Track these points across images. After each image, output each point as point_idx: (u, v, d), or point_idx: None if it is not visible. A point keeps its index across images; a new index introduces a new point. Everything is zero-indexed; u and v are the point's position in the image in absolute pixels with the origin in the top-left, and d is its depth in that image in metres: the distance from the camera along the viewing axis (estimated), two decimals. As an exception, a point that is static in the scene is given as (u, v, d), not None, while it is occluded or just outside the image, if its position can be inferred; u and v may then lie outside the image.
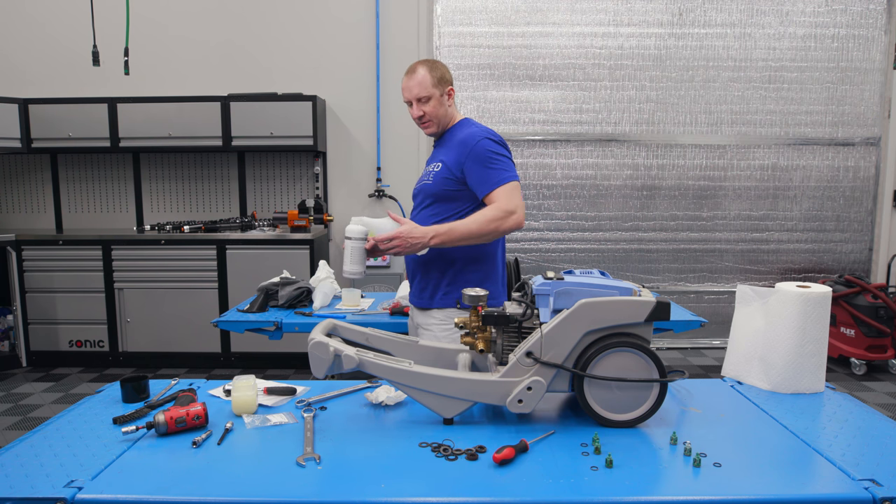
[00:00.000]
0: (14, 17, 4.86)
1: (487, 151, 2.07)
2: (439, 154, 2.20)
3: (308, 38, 4.84)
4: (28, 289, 4.47)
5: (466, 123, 2.22)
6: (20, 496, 1.12)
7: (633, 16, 4.84)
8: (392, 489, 1.14)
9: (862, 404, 1.58)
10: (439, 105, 2.17)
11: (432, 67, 2.17)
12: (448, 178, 2.11)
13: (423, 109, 2.16)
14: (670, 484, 1.18)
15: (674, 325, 2.74)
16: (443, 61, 4.89)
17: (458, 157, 2.10)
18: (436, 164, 2.17)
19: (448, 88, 2.19)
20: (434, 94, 2.15)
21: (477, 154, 2.06)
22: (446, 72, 2.21)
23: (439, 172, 2.14)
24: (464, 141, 2.11)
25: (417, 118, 2.18)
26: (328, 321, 1.59)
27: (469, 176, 2.08)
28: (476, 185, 2.07)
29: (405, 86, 2.18)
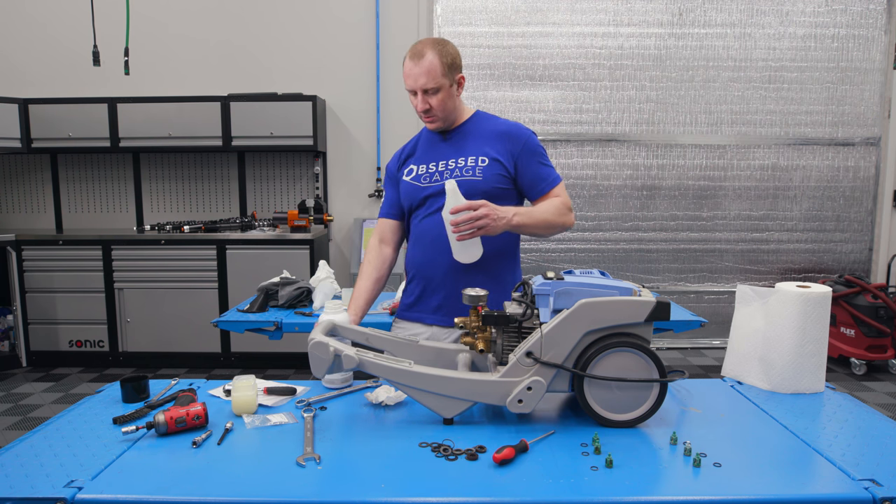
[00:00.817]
0: (14, 17, 4.86)
1: (540, 148, 1.90)
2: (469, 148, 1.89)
3: (308, 37, 4.84)
4: (28, 289, 4.47)
5: (489, 115, 1.98)
6: (20, 496, 1.12)
7: (633, 16, 4.84)
8: (392, 489, 1.14)
9: (862, 404, 1.58)
10: (449, 97, 1.84)
11: (443, 51, 1.81)
12: (501, 174, 1.85)
13: (430, 102, 1.83)
14: (670, 484, 1.18)
15: (674, 325, 2.74)
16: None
17: (510, 149, 1.86)
18: (475, 158, 1.86)
19: (459, 76, 1.87)
20: (444, 84, 1.81)
21: (532, 149, 1.87)
22: (458, 56, 1.86)
23: (489, 167, 1.84)
24: (511, 134, 1.88)
25: (423, 111, 1.85)
26: (328, 321, 1.59)
27: (524, 172, 1.87)
28: (531, 182, 1.87)
29: (409, 72, 1.82)
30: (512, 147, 1.87)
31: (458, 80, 1.87)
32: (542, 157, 1.90)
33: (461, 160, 1.88)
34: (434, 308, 1.92)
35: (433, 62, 1.79)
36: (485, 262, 1.83)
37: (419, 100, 1.83)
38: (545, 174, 1.88)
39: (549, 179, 1.88)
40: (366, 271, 1.98)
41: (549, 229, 1.85)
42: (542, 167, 1.89)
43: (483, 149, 1.87)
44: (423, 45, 1.82)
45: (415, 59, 1.80)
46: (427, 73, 1.79)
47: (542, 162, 1.89)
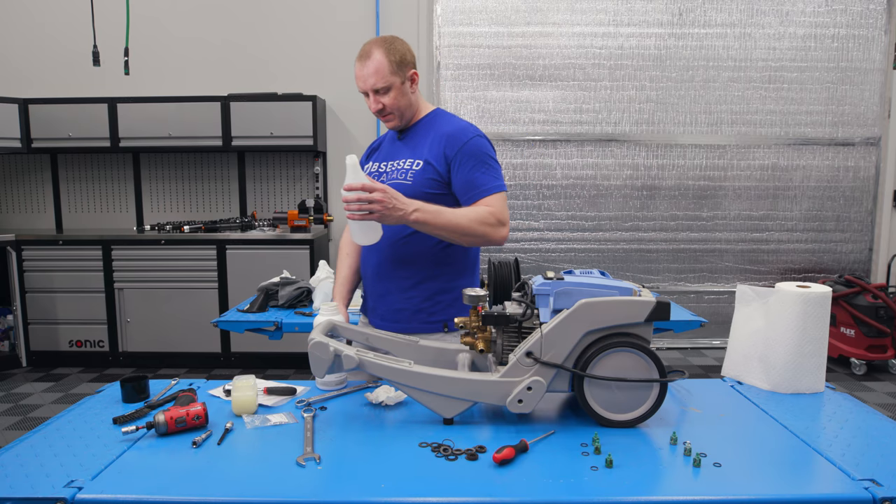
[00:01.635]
0: (14, 17, 4.86)
1: (482, 152, 1.80)
2: (412, 149, 1.86)
3: (308, 37, 4.84)
4: (28, 289, 4.47)
5: (443, 114, 1.91)
6: (20, 496, 1.12)
7: (633, 16, 4.84)
8: (392, 489, 1.14)
9: (862, 404, 1.58)
10: (401, 95, 1.81)
11: (390, 49, 1.78)
12: (433, 179, 1.79)
13: (383, 102, 1.80)
14: (670, 484, 1.18)
15: (674, 325, 2.74)
16: (443, 61, 4.93)
17: (445, 153, 1.79)
18: (412, 161, 1.83)
19: (411, 72, 1.83)
20: (394, 82, 1.78)
21: (470, 153, 1.78)
22: (408, 52, 1.83)
23: (421, 171, 1.80)
24: (452, 135, 1.81)
25: (377, 111, 1.83)
26: (328, 321, 1.59)
27: (457, 176, 1.79)
28: (464, 188, 1.78)
29: (358, 74, 1.79)
30: (448, 150, 1.79)
31: (411, 77, 1.83)
32: (482, 164, 1.79)
33: (400, 162, 1.85)
34: (370, 309, 1.93)
35: (380, 61, 1.76)
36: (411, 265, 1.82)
37: (371, 100, 1.81)
38: (480, 182, 1.78)
39: (482, 188, 1.77)
40: (345, 262, 1.99)
41: (462, 236, 1.72)
42: (477, 174, 1.78)
43: (422, 151, 1.83)
44: (369, 46, 1.79)
45: (362, 61, 1.78)
46: (375, 73, 1.77)
47: (480, 169, 1.78)
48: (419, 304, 1.84)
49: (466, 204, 1.79)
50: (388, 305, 1.86)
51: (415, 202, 1.65)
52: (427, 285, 1.83)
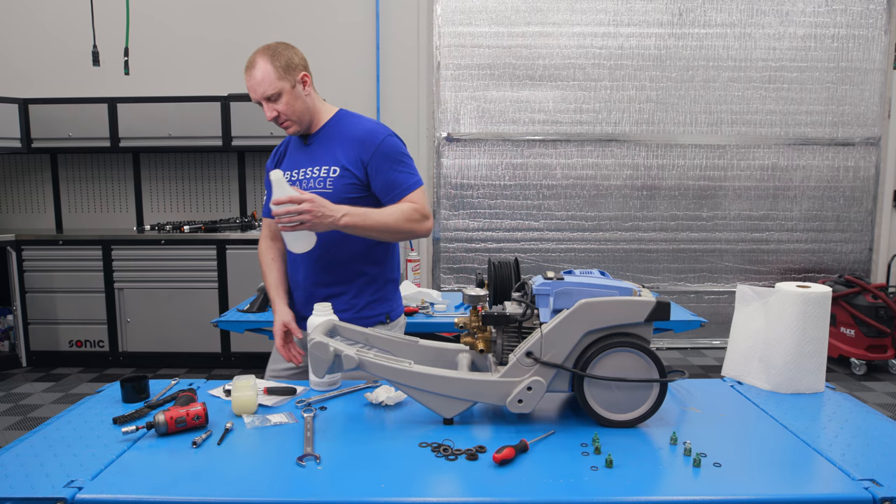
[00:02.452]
0: (14, 17, 4.86)
1: (396, 151, 1.85)
2: (323, 155, 1.87)
3: (308, 37, 4.84)
4: (28, 289, 4.47)
5: (349, 115, 1.93)
6: (20, 496, 1.12)
7: (633, 16, 4.84)
8: (392, 489, 1.14)
9: (862, 404, 1.58)
10: (294, 99, 1.82)
11: (274, 55, 1.79)
12: (353, 184, 1.82)
13: (277, 109, 1.81)
14: (670, 484, 1.18)
15: (674, 325, 2.74)
16: (443, 61, 4.93)
17: (360, 156, 1.82)
18: (327, 168, 1.85)
19: (301, 75, 1.83)
20: (283, 87, 1.79)
21: (385, 153, 1.82)
22: (294, 55, 1.83)
23: (339, 178, 1.82)
24: (365, 139, 1.83)
25: (273, 119, 1.83)
26: (328, 321, 1.59)
27: (375, 178, 1.82)
28: (384, 188, 1.83)
29: (248, 86, 1.81)
30: (363, 154, 1.82)
31: (301, 80, 1.83)
32: (398, 163, 1.84)
33: (314, 169, 1.86)
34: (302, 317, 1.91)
35: (265, 69, 1.77)
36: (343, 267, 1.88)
37: (266, 109, 1.81)
38: (399, 181, 1.83)
39: (402, 186, 1.83)
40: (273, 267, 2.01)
41: (390, 234, 1.80)
42: (395, 173, 1.83)
43: (336, 156, 1.85)
44: (254, 56, 1.80)
45: (249, 71, 1.79)
46: (263, 82, 1.78)
47: (397, 168, 1.83)
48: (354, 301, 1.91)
49: (389, 203, 1.83)
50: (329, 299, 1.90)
51: (343, 207, 1.70)
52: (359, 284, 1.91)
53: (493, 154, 4.95)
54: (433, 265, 5.08)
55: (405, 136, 5.33)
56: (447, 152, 4.96)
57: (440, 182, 4.99)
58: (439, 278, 5.10)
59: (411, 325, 2.74)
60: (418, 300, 2.96)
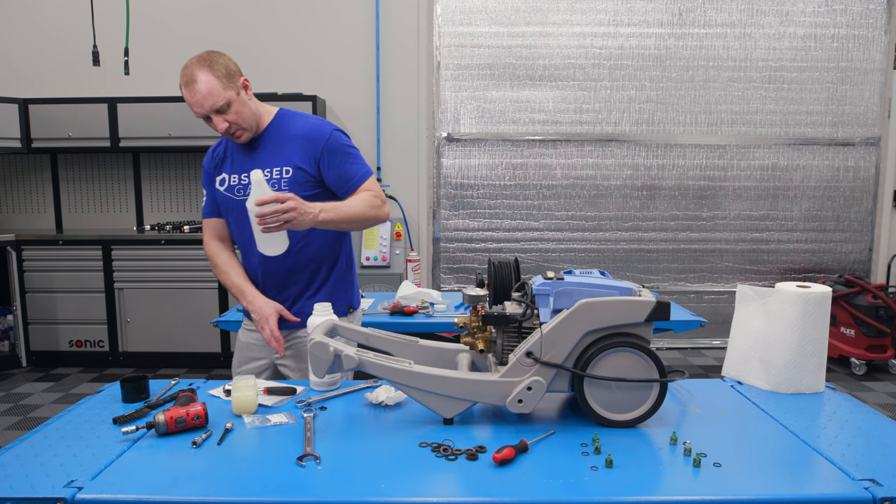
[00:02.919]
0: (14, 17, 4.86)
1: (343, 144, 1.88)
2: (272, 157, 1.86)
3: (308, 37, 4.84)
4: (28, 289, 4.47)
5: (291, 114, 1.94)
6: (20, 496, 1.12)
7: (633, 16, 4.84)
8: (392, 489, 1.14)
9: (862, 404, 1.58)
10: (242, 106, 1.80)
11: (212, 65, 1.74)
12: (308, 182, 1.85)
13: (228, 119, 1.78)
14: (670, 484, 1.18)
15: (674, 325, 2.74)
16: (443, 61, 4.93)
17: (311, 154, 1.84)
18: (279, 170, 1.84)
19: (241, 81, 1.81)
20: (230, 96, 1.76)
21: (334, 148, 1.85)
22: (229, 61, 1.79)
23: (294, 178, 1.83)
24: (311, 136, 1.85)
25: (225, 131, 1.80)
26: (328, 321, 1.59)
27: (328, 172, 1.85)
28: (338, 181, 1.86)
29: (191, 101, 1.74)
30: (312, 150, 1.84)
31: (243, 85, 1.82)
32: (347, 155, 1.87)
33: (266, 172, 1.85)
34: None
35: (209, 80, 1.72)
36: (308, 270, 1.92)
37: (216, 122, 1.77)
38: (351, 172, 1.87)
39: (356, 177, 1.87)
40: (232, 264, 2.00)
41: (359, 223, 1.83)
42: (346, 165, 1.86)
43: (286, 156, 1.85)
44: (191, 69, 1.74)
45: (190, 86, 1.73)
46: (209, 95, 1.73)
47: (347, 160, 1.87)
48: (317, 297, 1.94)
49: (344, 195, 1.87)
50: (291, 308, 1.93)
51: (317, 203, 1.71)
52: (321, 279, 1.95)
53: (493, 154, 4.95)
54: (433, 265, 5.08)
55: (405, 137, 5.37)
56: (447, 152, 4.96)
57: (440, 182, 4.99)
58: (439, 278, 5.10)
59: (411, 325, 2.75)
60: (418, 300, 2.96)
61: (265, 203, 1.59)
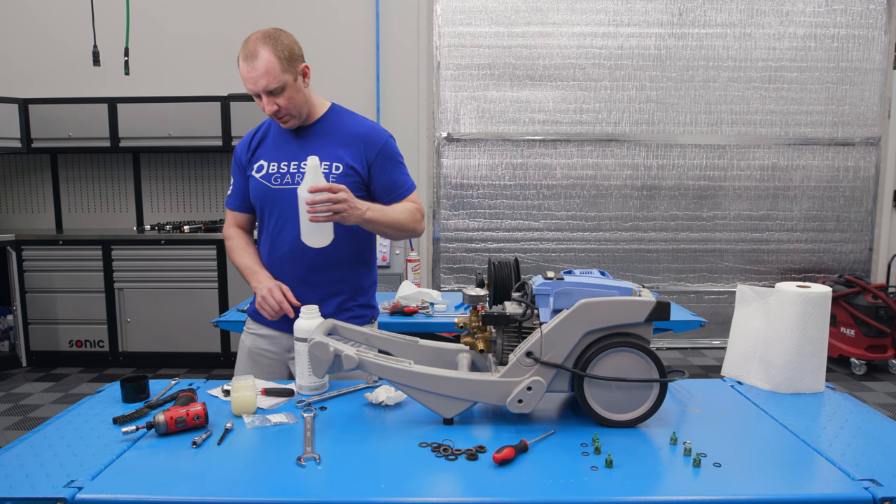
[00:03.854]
0: (14, 17, 4.86)
1: (396, 152, 1.86)
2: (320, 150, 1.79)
3: (308, 37, 4.80)
4: (28, 289, 4.47)
5: (343, 111, 1.89)
6: (20, 496, 1.12)
7: (633, 16, 4.84)
8: (392, 489, 1.14)
9: (862, 404, 1.58)
10: (296, 92, 1.73)
11: (276, 44, 1.68)
12: (354, 182, 1.79)
13: (278, 103, 1.71)
14: (670, 484, 1.18)
15: (674, 325, 2.74)
16: (443, 61, 4.93)
17: (364, 155, 1.80)
18: (327, 164, 1.79)
19: (302, 66, 1.74)
20: (287, 80, 1.69)
21: (389, 154, 1.83)
22: (295, 45, 1.73)
23: (343, 175, 1.78)
24: (368, 137, 1.81)
25: (273, 114, 1.73)
26: (328, 321, 1.59)
27: (378, 178, 1.82)
28: (386, 188, 1.83)
29: (246, 76, 1.69)
30: (367, 152, 1.81)
31: (302, 71, 1.75)
32: (399, 164, 1.86)
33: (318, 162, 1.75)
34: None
35: (269, 60, 1.66)
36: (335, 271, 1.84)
37: (265, 102, 1.71)
38: (401, 181, 1.85)
39: (404, 187, 1.86)
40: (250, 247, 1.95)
41: (399, 232, 1.82)
42: (397, 174, 1.85)
43: (337, 153, 1.79)
44: (254, 44, 1.68)
45: (249, 61, 1.67)
46: (266, 74, 1.66)
47: (398, 168, 1.86)
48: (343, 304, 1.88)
49: (387, 203, 1.84)
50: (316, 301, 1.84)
51: (366, 202, 1.70)
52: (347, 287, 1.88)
53: (493, 154, 4.95)
54: (433, 265, 5.08)
55: (406, 137, 5.37)
56: (447, 152, 4.96)
57: (440, 182, 4.99)
58: (439, 278, 5.10)
59: (411, 325, 2.75)
60: (418, 300, 2.96)
61: (318, 191, 1.57)
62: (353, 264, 1.90)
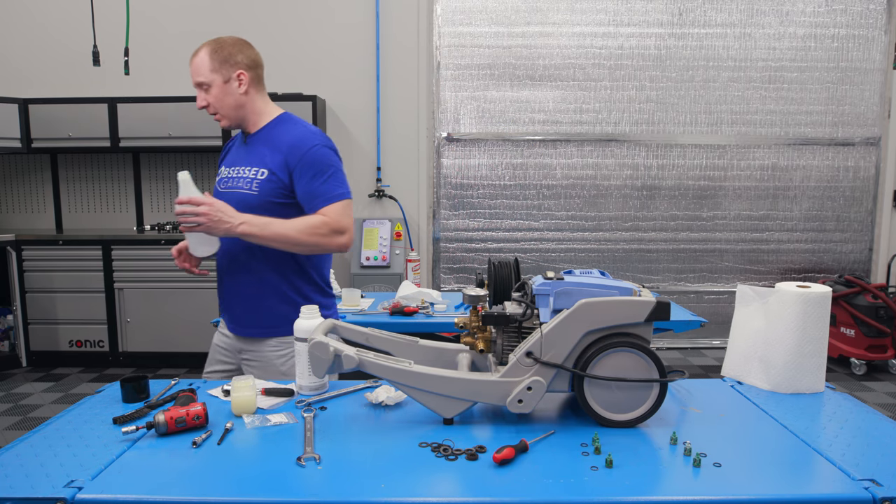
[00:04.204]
0: (14, 17, 4.86)
1: (322, 161, 1.81)
2: (255, 157, 1.86)
3: (308, 37, 4.84)
4: (28, 289, 4.47)
5: (289, 119, 1.92)
6: (20, 496, 1.12)
7: (633, 16, 4.84)
8: (392, 489, 1.14)
9: (862, 404, 1.58)
10: (223, 94, 1.83)
11: (216, 48, 1.81)
12: (278, 188, 1.81)
13: (206, 98, 1.83)
14: (670, 484, 1.18)
15: (674, 325, 2.74)
16: (443, 61, 4.93)
17: (287, 161, 1.81)
18: (256, 170, 1.84)
19: (236, 73, 1.83)
20: (214, 80, 1.81)
21: (311, 161, 1.80)
22: (239, 52, 1.83)
23: (266, 181, 1.81)
24: (295, 144, 1.82)
25: (201, 108, 1.86)
26: (328, 321, 1.59)
27: (298, 186, 1.81)
28: (305, 198, 1.81)
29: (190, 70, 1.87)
30: (290, 159, 1.81)
31: (238, 77, 1.83)
32: (322, 173, 1.80)
33: (245, 169, 1.87)
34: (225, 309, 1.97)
35: (202, 58, 1.81)
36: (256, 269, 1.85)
37: (198, 95, 1.85)
38: (319, 191, 1.80)
39: (322, 197, 1.79)
40: None
41: (293, 246, 1.78)
42: (316, 183, 1.80)
43: (266, 159, 1.84)
44: (203, 43, 1.84)
45: (192, 57, 1.84)
46: (196, 70, 1.81)
47: (321, 178, 1.80)
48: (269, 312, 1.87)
49: (309, 212, 1.81)
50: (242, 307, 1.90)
51: (243, 215, 1.73)
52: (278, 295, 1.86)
53: (493, 154, 4.95)
54: (433, 265, 5.08)
55: (405, 137, 5.35)
56: (447, 152, 4.96)
57: (440, 182, 4.99)
58: (439, 278, 5.10)
59: (411, 325, 2.75)
60: (418, 300, 2.96)
61: (181, 203, 1.70)
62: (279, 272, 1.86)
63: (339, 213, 1.80)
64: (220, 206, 1.71)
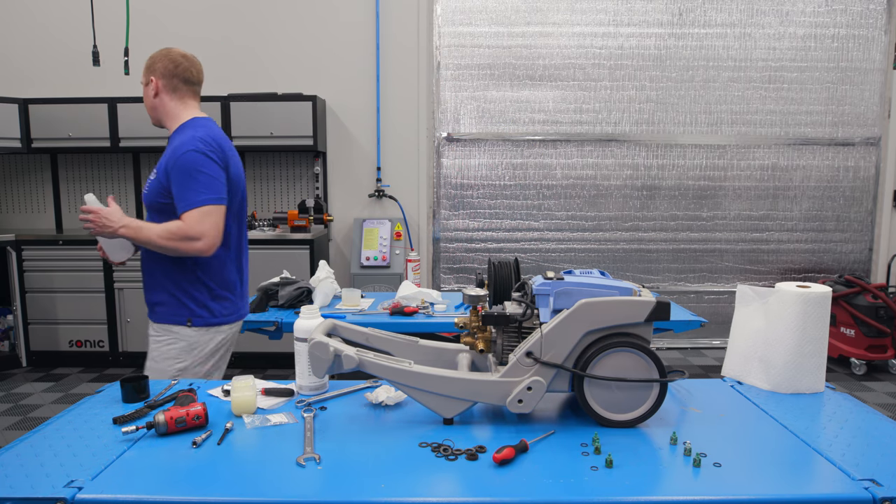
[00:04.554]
0: (14, 17, 4.86)
1: (190, 167, 1.89)
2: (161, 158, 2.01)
3: (308, 37, 4.84)
4: (28, 289, 4.47)
5: (191, 125, 2.02)
6: (20, 496, 1.12)
7: (633, 16, 4.84)
8: (392, 489, 1.14)
9: (862, 404, 1.58)
10: (147, 97, 2.06)
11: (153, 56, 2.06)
12: (162, 189, 1.94)
13: None
14: (670, 484, 1.18)
15: (674, 325, 2.74)
16: (443, 61, 4.93)
17: (167, 165, 1.93)
18: (154, 172, 2.01)
19: (151, 79, 2.03)
20: (142, 81, 2.07)
21: (180, 167, 1.89)
22: (159, 61, 2.03)
23: (155, 181, 1.98)
24: (175, 148, 1.93)
25: None
26: (328, 321, 1.59)
27: (172, 189, 1.91)
28: (176, 201, 1.91)
29: None
30: (168, 163, 1.93)
31: (152, 83, 2.03)
32: (189, 178, 1.88)
33: (154, 171, 2.03)
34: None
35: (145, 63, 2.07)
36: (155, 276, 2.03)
37: None
38: (182, 196, 1.89)
39: (183, 202, 1.88)
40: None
41: (158, 249, 1.92)
42: (180, 188, 1.89)
43: (161, 162, 1.99)
44: None
45: None
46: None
47: (187, 184, 1.88)
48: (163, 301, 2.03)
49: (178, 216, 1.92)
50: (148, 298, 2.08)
51: (125, 219, 1.92)
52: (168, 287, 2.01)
53: (493, 154, 4.95)
54: (433, 265, 5.08)
55: (405, 137, 5.36)
56: (447, 152, 4.96)
57: (440, 182, 4.99)
58: (439, 278, 5.10)
59: (411, 325, 2.75)
60: (418, 300, 2.96)
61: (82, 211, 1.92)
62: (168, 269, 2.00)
63: (195, 220, 1.87)
64: (106, 212, 1.91)
